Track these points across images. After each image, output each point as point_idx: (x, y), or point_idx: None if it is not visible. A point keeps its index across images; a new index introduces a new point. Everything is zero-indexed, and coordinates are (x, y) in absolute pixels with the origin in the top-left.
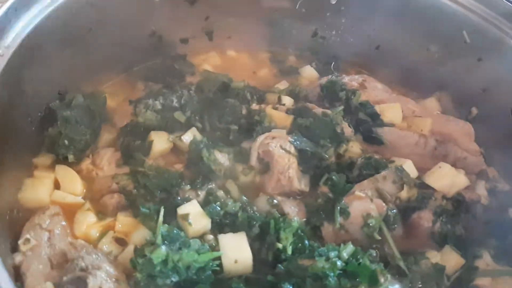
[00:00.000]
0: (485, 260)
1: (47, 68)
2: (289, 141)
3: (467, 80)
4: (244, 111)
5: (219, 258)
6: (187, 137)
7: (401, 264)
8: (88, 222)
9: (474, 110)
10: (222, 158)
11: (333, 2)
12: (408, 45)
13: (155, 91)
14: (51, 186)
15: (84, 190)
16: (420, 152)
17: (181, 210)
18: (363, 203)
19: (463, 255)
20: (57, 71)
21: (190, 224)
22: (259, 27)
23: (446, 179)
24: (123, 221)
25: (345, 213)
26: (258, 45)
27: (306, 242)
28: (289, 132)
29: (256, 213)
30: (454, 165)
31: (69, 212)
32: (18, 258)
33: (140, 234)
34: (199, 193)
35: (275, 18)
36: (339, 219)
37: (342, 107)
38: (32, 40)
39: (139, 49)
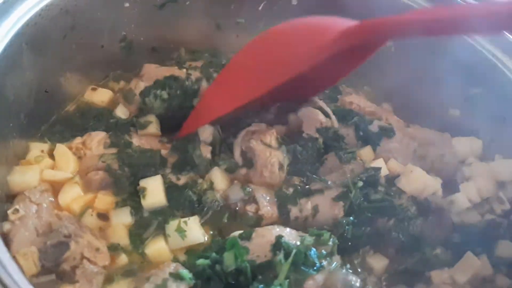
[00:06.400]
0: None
1: (27, 73)
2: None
3: None
4: None
5: None
6: None
7: None
8: (73, 194)
9: None
10: (206, 151)
11: (295, 3)
12: None
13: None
14: (39, 171)
15: (77, 169)
16: (402, 151)
17: (143, 182)
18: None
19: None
20: (35, 77)
21: (143, 197)
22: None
23: (418, 183)
24: (102, 199)
25: (316, 209)
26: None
27: None
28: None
29: None
30: (432, 165)
31: (60, 189)
32: (6, 226)
33: (118, 213)
34: (179, 177)
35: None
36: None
37: None
38: (12, 47)
39: (112, 54)
